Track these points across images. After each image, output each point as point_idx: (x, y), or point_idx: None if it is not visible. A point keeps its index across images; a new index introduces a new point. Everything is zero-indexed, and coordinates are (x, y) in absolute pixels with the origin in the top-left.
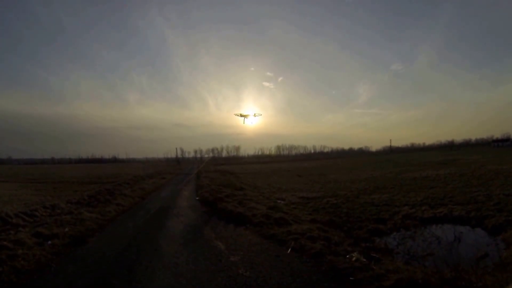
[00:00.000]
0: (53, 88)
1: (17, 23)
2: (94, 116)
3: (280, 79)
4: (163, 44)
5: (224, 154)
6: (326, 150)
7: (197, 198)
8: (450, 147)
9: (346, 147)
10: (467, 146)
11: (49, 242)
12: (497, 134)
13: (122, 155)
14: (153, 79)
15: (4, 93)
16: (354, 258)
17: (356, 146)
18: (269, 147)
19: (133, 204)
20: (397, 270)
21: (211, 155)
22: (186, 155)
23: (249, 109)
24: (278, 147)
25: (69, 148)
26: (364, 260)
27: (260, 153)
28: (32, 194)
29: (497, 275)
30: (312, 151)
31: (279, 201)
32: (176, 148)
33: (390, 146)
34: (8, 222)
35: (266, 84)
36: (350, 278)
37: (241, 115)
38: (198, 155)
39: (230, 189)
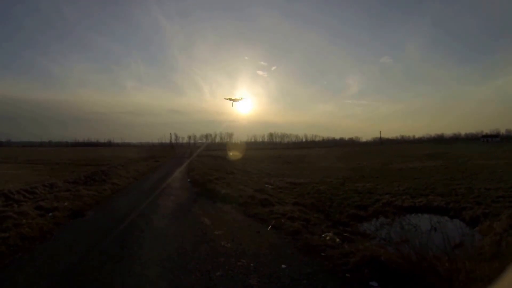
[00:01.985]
0: (51, 74)
1: (18, 11)
2: (91, 101)
3: (273, 68)
4: (160, 33)
5: (217, 140)
6: (317, 139)
7: (189, 180)
8: (439, 140)
9: (337, 136)
10: (457, 141)
11: (50, 214)
12: (487, 129)
13: (117, 140)
14: (150, 66)
15: (4, 79)
16: (328, 237)
17: (346, 136)
18: (262, 135)
19: (127, 184)
20: (365, 249)
21: (204, 141)
22: (180, 140)
23: (238, 94)
24: (271, 135)
25: (66, 132)
26: (338, 240)
27: (253, 140)
28: (31, 174)
29: (466, 263)
30: (304, 139)
31: (266, 185)
32: (171, 134)
33: (380, 137)
34: (11, 198)
35: (260, 72)
36: (322, 254)
37: (231, 99)
38: (192, 141)
39: (221, 173)
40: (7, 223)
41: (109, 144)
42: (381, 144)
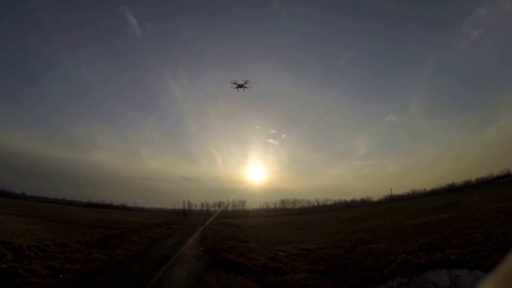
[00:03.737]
0: (68, 133)
1: (49, 78)
2: (106, 163)
3: (283, 136)
4: (175, 104)
5: (230, 208)
6: (329, 202)
7: (202, 248)
8: (450, 190)
9: (348, 198)
10: (468, 187)
11: (61, 275)
12: (497, 171)
13: (131, 203)
14: (164, 134)
15: (28, 133)
16: None
17: (358, 197)
18: (274, 201)
19: (140, 250)
20: None
21: (217, 208)
22: (193, 207)
23: (241, 79)
24: (283, 201)
25: (80, 191)
26: None
27: (265, 207)
28: (43, 231)
29: None
30: (316, 204)
31: (279, 252)
32: (184, 201)
33: (391, 194)
34: (21, 253)
35: (270, 141)
36: None
37: (235, 83)
38: (205, 208)
39: (234, 241)
40: (16, 281)
41: (122, 207)
42: (393, 202)
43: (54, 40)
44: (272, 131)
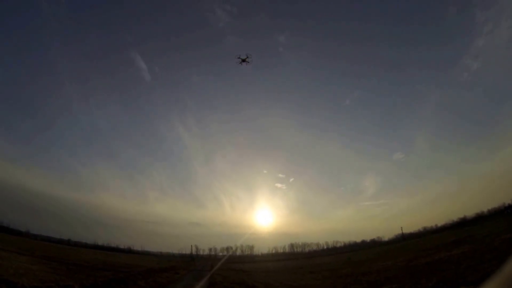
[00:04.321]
0: (80, 175)
1: (60, 122)
2: (113, 206)
3: (291, 179)
4: (183, 149)
5: (238, 252)
6: (338, 245)
7: None
8: (463, 224)
9: (358, 240)
10: (480, 219)
11: None
12: (508, 200)
13: (137, 247)
14: (172, 178)
15: (34, 171)
16: None
17: (368, 237)
18: (283, 245)
19: None
20: None
21: (225, 253)
22: (201, 252)
23: (244, 54)
24: (292, 245)
25: (86, 232)
26: None
27: (273, 251)
28: (46, 271)
29: None
30: (325, 247)
31: None
32: (191, 245)
33: (402, 233)
34: None
35: (278, 185)
36: None
37: (240, 58)
38: (213, 253)
39: (242, 287)
40: None
41: (129, 251)
42: (404, 240)
43: (67, 83)
44: (280, 175)
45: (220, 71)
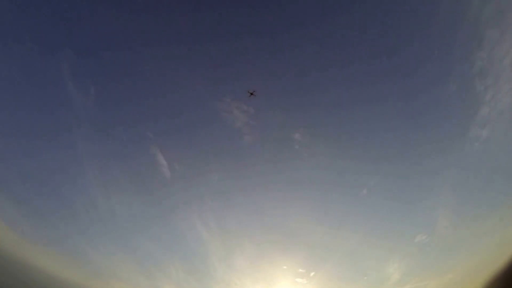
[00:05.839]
0: (92, 261)
1: (78, 206)
2: None
3: (312, 274)
4: (202, 245)
5: None
6: None
7: None
8: None
9: None
10: None
11: None
12: None
13: None
14: (189, 273)
15: (47, 252)
16: None
17: None
18: None
19: None
20: None
21: None
22: None
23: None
24: None
25: None
26: None
27: None
28: None
29: None
30: None
31: None
32: None
33: None
34: None
35: (299, 280)
36: None
37: (249, 92)
38: None
39: None
40: None
41: None
42: None
43: (86, 167)
44: (300, 270)
45: (239, 169)
